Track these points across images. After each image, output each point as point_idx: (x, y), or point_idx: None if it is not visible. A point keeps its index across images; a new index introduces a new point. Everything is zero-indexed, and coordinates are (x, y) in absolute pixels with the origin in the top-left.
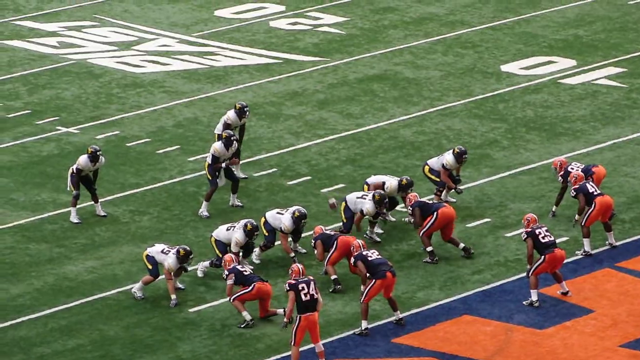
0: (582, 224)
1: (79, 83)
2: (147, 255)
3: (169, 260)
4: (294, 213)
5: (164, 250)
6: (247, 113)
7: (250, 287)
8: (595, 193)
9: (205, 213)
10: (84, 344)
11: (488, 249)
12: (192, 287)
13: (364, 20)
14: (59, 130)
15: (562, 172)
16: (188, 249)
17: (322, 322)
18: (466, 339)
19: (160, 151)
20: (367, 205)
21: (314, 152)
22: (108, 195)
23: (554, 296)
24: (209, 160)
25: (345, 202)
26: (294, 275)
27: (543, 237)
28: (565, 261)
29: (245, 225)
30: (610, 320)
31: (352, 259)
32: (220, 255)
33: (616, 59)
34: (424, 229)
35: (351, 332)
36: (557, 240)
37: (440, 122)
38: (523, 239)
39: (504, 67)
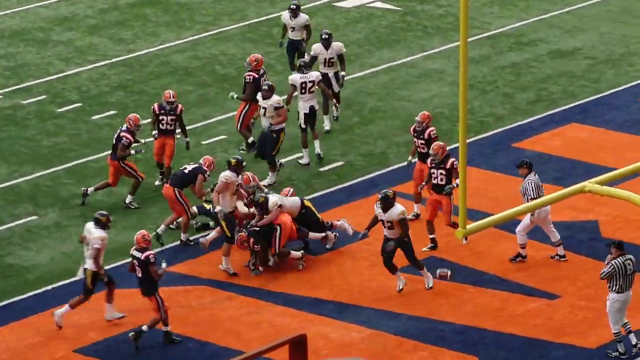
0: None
1: None
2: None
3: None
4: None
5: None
6: None
7: None
8: None
9: None
10: None
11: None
12: None
13: None
14: None
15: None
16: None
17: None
18: (243, 267)
19: None
20: None
21: (84, 79)
22: None
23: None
24: None
25: None
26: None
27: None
28: (342, 186)
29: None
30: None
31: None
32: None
33: None
34: None
35: (124, 261)
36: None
37: (214, 47)
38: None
39: None
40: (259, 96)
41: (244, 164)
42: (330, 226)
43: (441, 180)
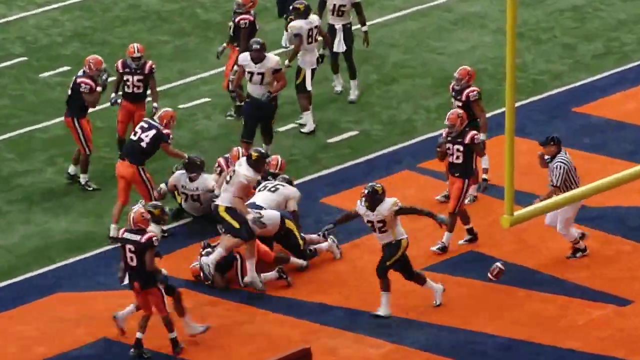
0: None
1: None
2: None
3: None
4: None
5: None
6: None
7: None
8: None
9: None
10: None
11: None
12: None
13: None
14: None
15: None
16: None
17: (43, 244)
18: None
19: None
20: None
21: (30, 26)
22: None
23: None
24: None
25: None
26: None
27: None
28: (356, 162)
29: None
30: None
31: None
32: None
33: None
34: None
35: (80, 257)
36: None
37: None
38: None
39: None
40: (244, 60)
41: (267, 159)
42: (313, 254)
43: (457, 158)
